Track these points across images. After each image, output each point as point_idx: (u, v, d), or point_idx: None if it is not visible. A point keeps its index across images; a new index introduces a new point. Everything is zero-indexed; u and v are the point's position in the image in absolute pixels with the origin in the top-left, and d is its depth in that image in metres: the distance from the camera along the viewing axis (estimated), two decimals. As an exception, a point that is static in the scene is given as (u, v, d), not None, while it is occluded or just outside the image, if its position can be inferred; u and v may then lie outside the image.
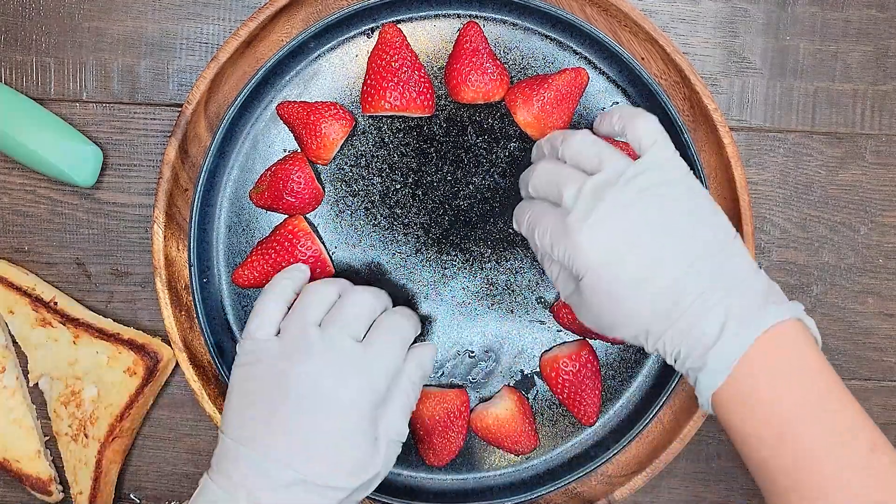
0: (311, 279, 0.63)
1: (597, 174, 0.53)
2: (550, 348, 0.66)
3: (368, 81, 0.62)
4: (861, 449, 0.48)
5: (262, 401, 0.53)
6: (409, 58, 0.62)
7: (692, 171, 0.55)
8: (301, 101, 0.63)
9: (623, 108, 0.57)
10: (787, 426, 0.49)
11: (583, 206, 0.52)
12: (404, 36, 0.62)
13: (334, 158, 0.64)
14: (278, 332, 0.56)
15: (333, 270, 0.64)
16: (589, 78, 0.64)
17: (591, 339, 0.66)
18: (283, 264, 0.62)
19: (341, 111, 0.63)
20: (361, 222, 0.65)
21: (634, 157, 0.54)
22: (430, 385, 0.65)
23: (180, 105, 0.67)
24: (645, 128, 0.54)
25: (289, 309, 0.57)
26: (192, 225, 0.63)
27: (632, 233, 0.51)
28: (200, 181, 0.63)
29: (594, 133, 0.58)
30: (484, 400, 0.66)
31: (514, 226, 0.59)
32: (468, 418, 0.65)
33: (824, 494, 0.48)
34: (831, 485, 0.48)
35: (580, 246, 0.52)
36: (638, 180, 0.52)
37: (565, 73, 0.62)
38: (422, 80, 0.62)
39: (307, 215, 0.65)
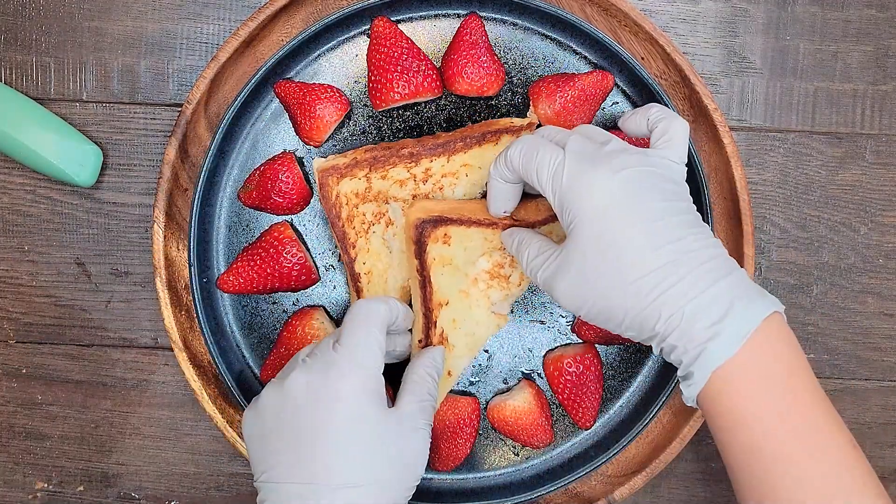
0: (296, 286, 0.64)
1: (614, 141, 0.53)
2: (555, 348, 0.66)
3: (373, 78, 0.62)
4: (838, 458, 0.48)
5: (268, 432, 0.53)
6: (405, 45, 0.62)
7: (693, 196, 0.55)
8: (298, 82, 0.63)
9: (658, 106, 0.56)
10: (764, 438, 0.48)
11: (599, 153, 0.51)
12: (396, 25, 0.63)
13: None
14: None
15: (319, 278, 0.65)
16: (614, 83, 0.64)
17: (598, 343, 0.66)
18: (269, 270, 0.62)
19: (337, 94, 0.63)
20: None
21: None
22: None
23: (180, 105, 0.67)
24: (682, 128, 0.54)
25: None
26: (192, 225, 0.63)
27: (640, 195, 0.50)
28: (200, 181, 0.63)
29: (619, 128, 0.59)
30: (500, 393, 0.66)
31: (496, 178, 0.56)
32: (477, 427, 0.65)
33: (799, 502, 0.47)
34: (807, 492, 0.47)
35: (592, 184, 0.50)
36: (654, 159, 0.52)
37: (592, 74, 0.62)
38: (423, 62, 0.62)
39: (293, 221, 0.65)
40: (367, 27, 0.64)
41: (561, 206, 0.51)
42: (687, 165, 0.64)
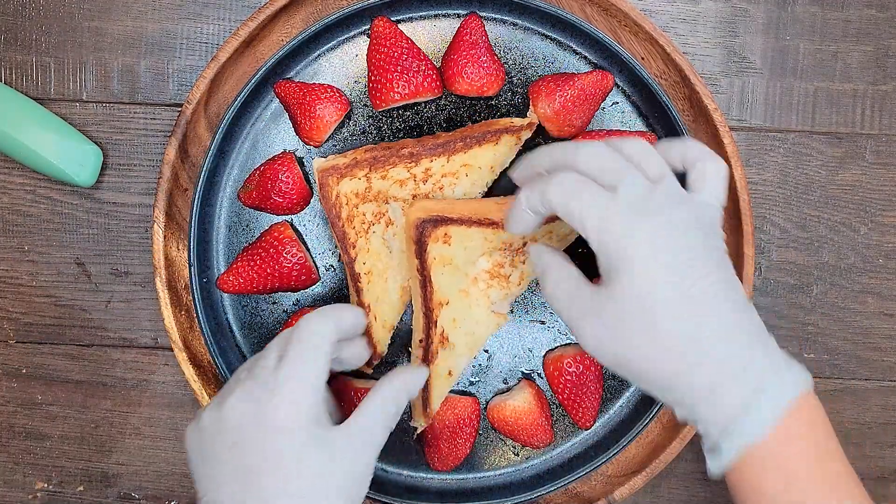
0: (296, 286, 0.63)
1: (666, 183, 0.49)
2: (555, 348, 0.66)
3: (373, 78, 0.62)
4: None
5: (209, 457, 0.52)
6: (405, 45, 0.62)
7: None
8: (298, 82, 0.63)
9: (697, 144, 0.53)
10: None
11: (651, 202, 0.48)
12: (396, 25, 0.63)
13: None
14: None
15: (319, 278, 0.65)
16: (614, 83, 0.64)
17: None
18: (269, 270, 0.62)
19: (337, 94, 0.63)
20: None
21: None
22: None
23: (180, 105, 0.67)
24: (723, 170, 0.51)
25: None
26: (192, 225, 0.63)
27: (690, 253, 0.48)
28: (200, 181, 0.63)
29: None
30: (500, 393, 0.66)
31: (526, 209, 0.52)
32: (477, 427, 0.65)
33: None
34: None
35: (636, 232, 0.47)
36: (701, 207, 0.50)
37: (592, 74, 0.62)
38: (423, 62, 0.62)
39: (293, 221, 0.65)
40: (367, 27, 0.64)
41: (604, 251, 0.49)
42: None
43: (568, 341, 0.66)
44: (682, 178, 0.52)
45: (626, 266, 0.48)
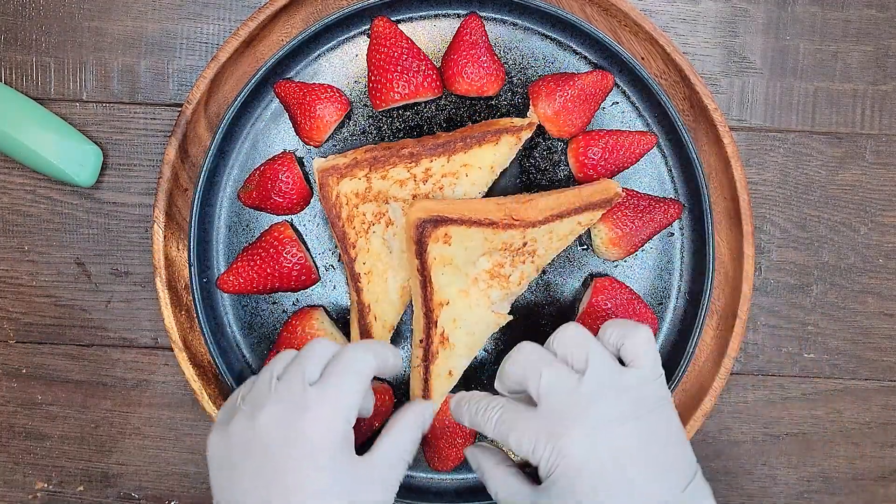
0: (296, 286, 0.63)
1: (589, 375, 0.52)
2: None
3: (373, 78, 0.62)
4: None
5: (235, 463, 0.52)
6: (405, 45, 0.62)
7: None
8: (298, 82, 0.63)
9: (616, 322, 0.56)
10: None
11: (575, 408, 0.52)
12: (396, 25, 0.63)
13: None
14: None
15: (318, 278, 0.65)
16: (614, 83, 0.64)
17: None
18: (269, 270, 0.62)
19: (337, 94, 0.63)
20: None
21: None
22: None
23: (180, 105, 0.67)
24: (644, 339, 0.54)
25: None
26: (192, 225, 0.63)
27: (623, 449, 0.51)
28: (200, 181, 0.63)
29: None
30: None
31: (468, 421, 0.56)
32: None
33: None
34: None
35: (568, 450, 0.51)
36: (632, 393, 0.52)
37: (592, 74, 0.62)
38: (423, 62, 0.62)
39: (293, 221, 0.65)
40: (367, 27, 0.64)
41: (539, 461, 0.52)
42: (687, 166, 0.64)
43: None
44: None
45: (557, 471, 0.51)
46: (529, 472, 0.55)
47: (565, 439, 0.51)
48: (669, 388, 0.64)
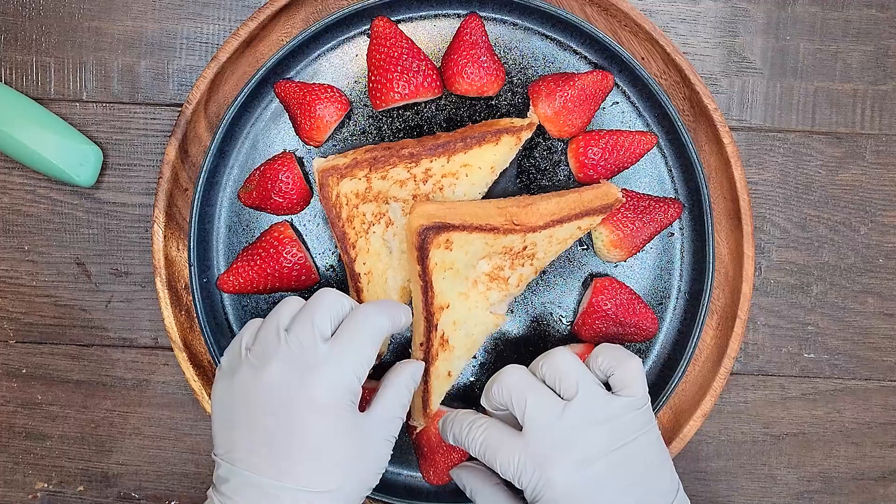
0: (296, 286, 0.63)
1: (576, 404, 0.54)
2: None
3: (373, 77, 0.62)
4: None
5: (241, 416, 0.52)
6: (406, 45, 0.62)
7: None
8: (298, 82, 0.63)
9: (606, 348, 0.58)
10: None
11: (561, 437, 0.53)
12: (396, 25, 0.63)
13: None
14: None
15: (319, 278, 0.65)
16: (614, 83, 0.64)
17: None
18: (269, 270, 0.62)
19: (337, 94, 0.63)
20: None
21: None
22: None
23: (180, 105, 0.67)
24: (633, 368, 0.56)
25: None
26: (192, 225, 0.63)
27: (607, 477, 0.53)
28: (200, 181, 0.63)
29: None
30: None
31: (453, 440, 0.59)
32: None
33: None
34: None
35: (553, 480, 0.53)
36: (618, 421, 0.54)
37: (592, 74, 0.62)
38: (424, 62, 0.62)
39: (293, 221, 0.65)
40: (367, 27, 0.64)
41: (525, 487, 0.54)
42: (687, 166, 0.64)
43: (568, 342, 0.66)
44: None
45: (548, 498, 0.53)
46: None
47: (549, 469, 0.53)
48: (669, 389, 0.65)
